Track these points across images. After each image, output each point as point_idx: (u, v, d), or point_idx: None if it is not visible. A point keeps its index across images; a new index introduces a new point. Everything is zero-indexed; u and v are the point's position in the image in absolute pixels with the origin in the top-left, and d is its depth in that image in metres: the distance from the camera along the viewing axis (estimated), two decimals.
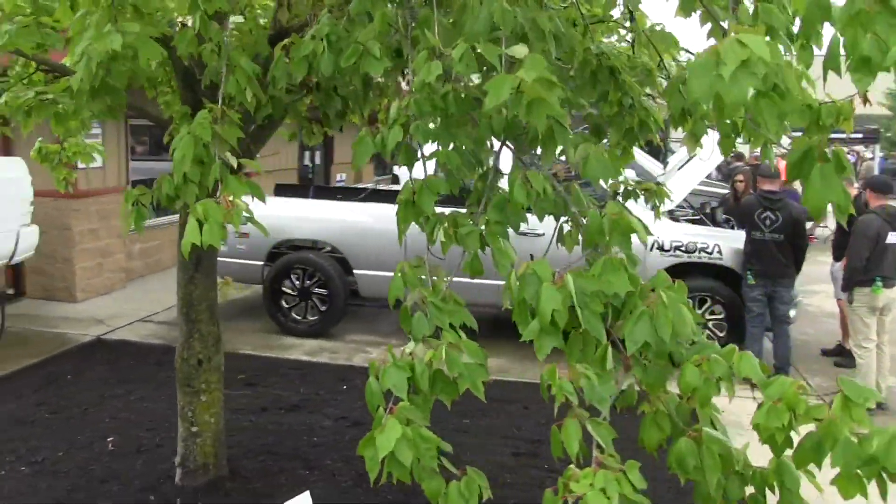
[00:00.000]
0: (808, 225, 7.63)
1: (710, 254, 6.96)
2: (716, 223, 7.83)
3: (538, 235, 5.99)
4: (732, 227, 7.56)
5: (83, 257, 8.43)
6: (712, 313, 7.04)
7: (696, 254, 6.99)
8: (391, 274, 7.18)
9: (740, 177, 8.85)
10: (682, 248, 6.99)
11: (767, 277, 6.59)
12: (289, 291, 7.64)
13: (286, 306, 7.65)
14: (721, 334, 7.01)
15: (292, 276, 7.60)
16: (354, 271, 7.53)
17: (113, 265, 8.96)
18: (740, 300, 6.80)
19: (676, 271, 7.02)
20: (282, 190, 9.21)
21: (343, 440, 5.11)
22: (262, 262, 7.72)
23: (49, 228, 8.36)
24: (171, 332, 7.55)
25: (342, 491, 4.40)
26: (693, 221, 7.48)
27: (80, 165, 8.36)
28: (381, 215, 7.48)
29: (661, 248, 7.00)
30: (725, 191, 9.73)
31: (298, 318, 7.64)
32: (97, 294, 8.66)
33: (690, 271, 7.07)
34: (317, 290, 7.56)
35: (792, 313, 7.05)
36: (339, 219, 7.62)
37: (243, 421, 5.35)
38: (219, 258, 7.77)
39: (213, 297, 4.30)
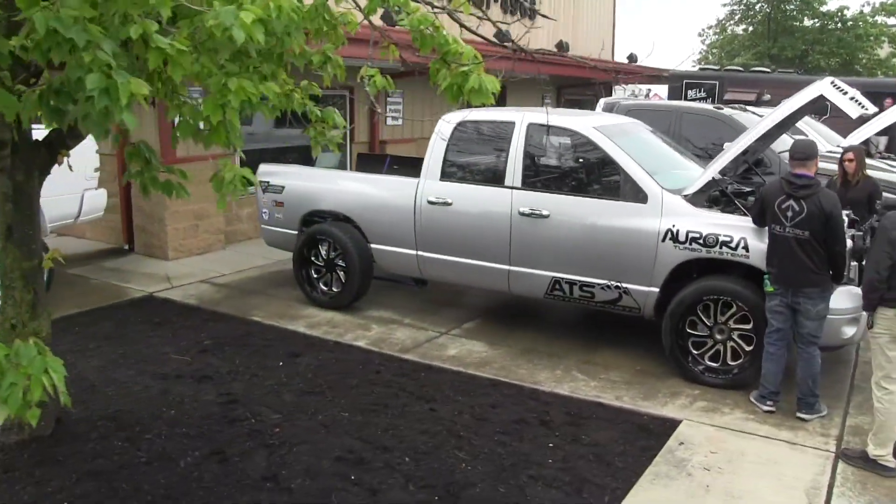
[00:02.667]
0: None
1: (734, 249, 5.58)
2: None
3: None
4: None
5: (175, 219, 9.02)
6: (740, 322, 5.65)
7: (717, 248, 5.64)
8: (402, 250, 6.85)
9: (850, 155, 6.95)
10: (700, 241, 5.68)
11: (788, 284, 5.14)
12: (317, 262, 7.51)
13: (315, 276, 7.54)
14: (748, 348, 5.62)
15: (320, 247, 7.45)
16: (371, 245, 7.19)
17: (210, 227, 9.50)
18: None
19: (699, 268, 5.79)
20: (361, 161, 9.12)
21: (195, 416, 4.92)
22: (296, 232, 7.67)
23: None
24: (216, 294, 7.85)
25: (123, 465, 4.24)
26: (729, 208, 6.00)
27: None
28: (396, 187, 7.07)
29: (674, 239, 5.76)
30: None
31: (325, 289, 7.50)
32: (191, 254, 9.25)
33: (718, 269, 5.76)
34: (339, 262, 7.34)
35: (848, 332, 5.45)
36: (356, 191, 7.30)
37: (136, 385, 5.40)
38: (262, 226, 7.98)
39: (27, 266, 4.31)
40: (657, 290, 5.91)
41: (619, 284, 6.04)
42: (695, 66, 19.60)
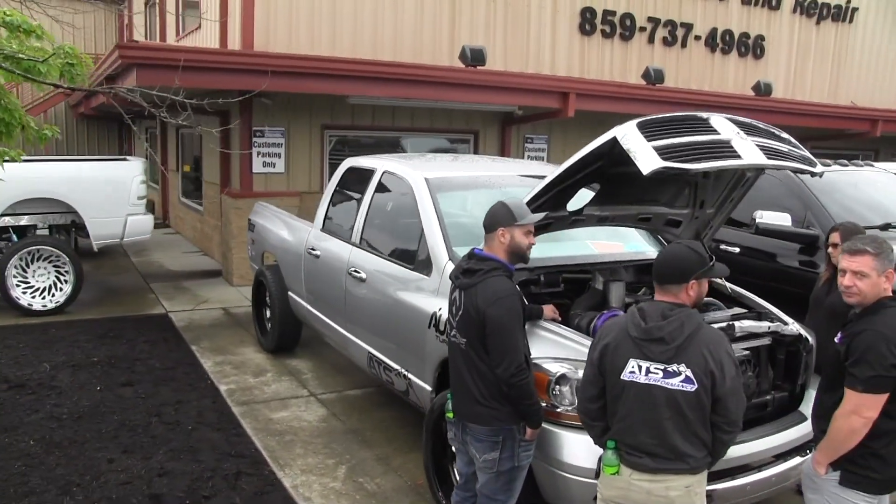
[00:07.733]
0: None
1: None
2: None
3: None
4: None
5: (240, 249, 9.24)
6: None
7: None
8: (300, 300, 6.10)
9: (836, 236, 4.31)
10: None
11: (456, 412, 3.41)
12: (268, 303, 7.06)
13: (267, 317, 7.07)
14: None
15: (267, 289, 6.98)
16: (287, 292, 6.51)
17: None
18: None
19: None
20: None
21: None
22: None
23: (222, 222, 9.48)
24: (207, 322, 7.86)
25: None
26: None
27: (260, 170, 9.26)
28: (296, 234, 6.34)
29: (436, 327, 4.21)
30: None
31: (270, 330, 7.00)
32: None
33: None
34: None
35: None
36: (279, 235, 6.67)
37: None
38: (251, 262, 7.79)
39: None
40: (430, 388, 4.36)
41: (406, 374, 4.61)
42: None
